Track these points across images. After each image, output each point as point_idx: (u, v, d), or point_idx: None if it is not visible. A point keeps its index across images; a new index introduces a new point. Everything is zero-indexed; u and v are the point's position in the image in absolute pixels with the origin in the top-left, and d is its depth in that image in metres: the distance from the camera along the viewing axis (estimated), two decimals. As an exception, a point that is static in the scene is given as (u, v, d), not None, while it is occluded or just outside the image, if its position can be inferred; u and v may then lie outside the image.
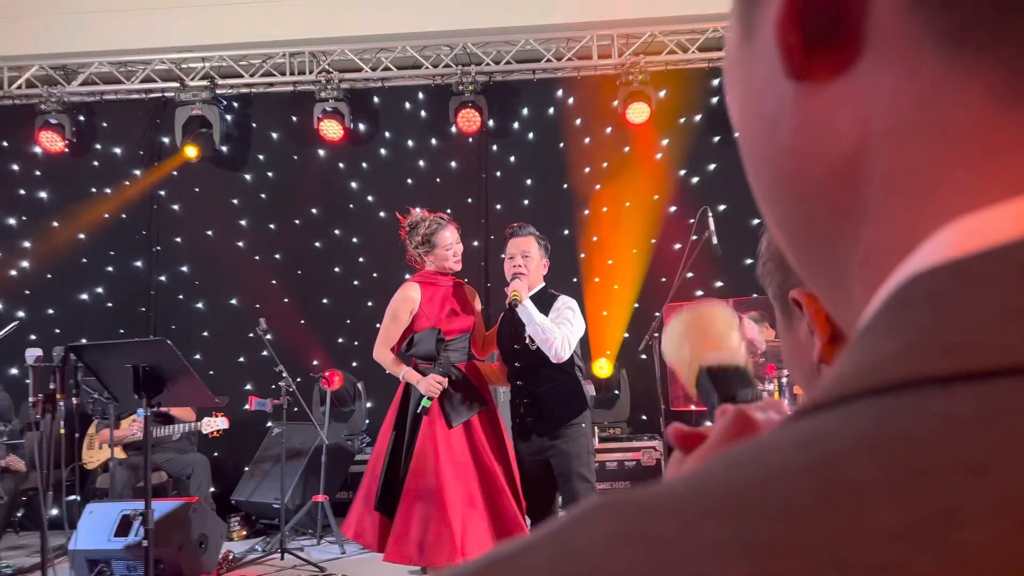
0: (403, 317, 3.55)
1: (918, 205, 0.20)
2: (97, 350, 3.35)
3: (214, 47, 6.44)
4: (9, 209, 6.78)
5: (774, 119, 0.24)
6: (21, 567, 5.04)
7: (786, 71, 0.22)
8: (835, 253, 0.24)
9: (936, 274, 0.19)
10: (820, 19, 0.21)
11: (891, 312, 0.19)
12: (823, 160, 0.23)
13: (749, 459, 0.17)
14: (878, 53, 0.21)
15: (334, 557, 4.89)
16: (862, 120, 0.21)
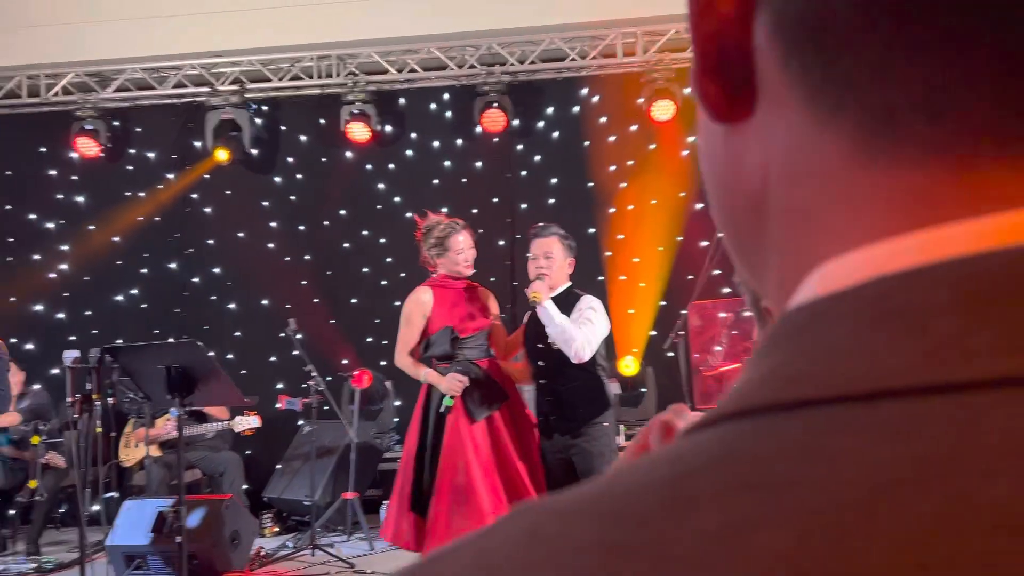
0: (416, 320, 3.61)
1: (803, 243, 0.23)
2: (131, 351, 3.44)
3: (243, 52, 6.55)
4: (48, 214, 6.96)
5: (712, 151, 0.27)
6: (61, 562, 5.18)
7: (709, 116, 0.25)
8: (761, 276, 0.27)
9: (799, 311, 0.22)
10: (729, 74, 0.24)
11: (764, 345, 0.22)
12: (741, 195, 0.26)
13: (632, 470, 0.20)
14: (769, 104, 0.23)
15: (363, 553, 4.96)
16: (764, 162, 0.24)
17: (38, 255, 6.90)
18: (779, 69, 0.23)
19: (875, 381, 0.18)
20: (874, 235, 0.21)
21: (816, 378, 0.19)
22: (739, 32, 0.23)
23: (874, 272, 0.20)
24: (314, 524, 5.05)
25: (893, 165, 0.21)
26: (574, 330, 3.29)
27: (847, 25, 0.21)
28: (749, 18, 0.23)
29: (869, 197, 0.21)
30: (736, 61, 0.24)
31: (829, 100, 0.22)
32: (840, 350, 0.20)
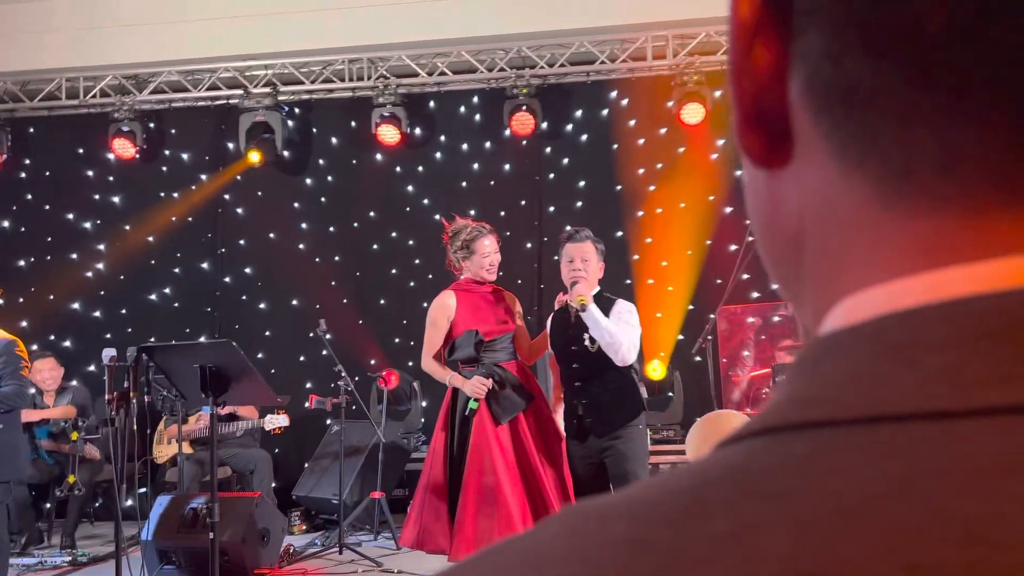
0: (441, 324, 3.64)
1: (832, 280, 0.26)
2: (167, 350, 3.51)
3: (276, 55, 6.64)
4: (85, 213, 7.10)
5: (756, 193, 0.30)
6: (96, 555, 5.29)
7: (751, 162, 0.28)
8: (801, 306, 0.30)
9: (820, 342, 0.25)
10: (767, 126, 0.27)
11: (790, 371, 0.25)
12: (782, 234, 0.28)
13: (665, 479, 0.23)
14: (803, 156, 0.26)
15: (390, 552, 5.00)
16: (800, 207, 0.27)
17: (75, 254, 7.05)
18: (811, 124, 0.25)
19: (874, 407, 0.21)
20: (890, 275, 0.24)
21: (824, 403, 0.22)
22: (775, 89, 0.26)
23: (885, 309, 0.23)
24: (342, 523, 5.10)
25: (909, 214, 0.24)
26: (621, 334, 3.31)
27: (871, 88, 0.23)
28: (784, 77, 0.26)
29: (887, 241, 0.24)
30: (773, 115, 0.26)
31: (854, 153, 0.24)
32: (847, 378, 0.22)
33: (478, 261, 3.64)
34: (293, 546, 5.11)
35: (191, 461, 5.59)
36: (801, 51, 0.25)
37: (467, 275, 3.70)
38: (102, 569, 5.04)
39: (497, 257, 3.71)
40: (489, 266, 3.66)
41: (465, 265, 3.69)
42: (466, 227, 3.69)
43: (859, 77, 0.24)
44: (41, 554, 5.31)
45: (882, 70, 0.23)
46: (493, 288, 3.75)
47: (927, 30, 0.22)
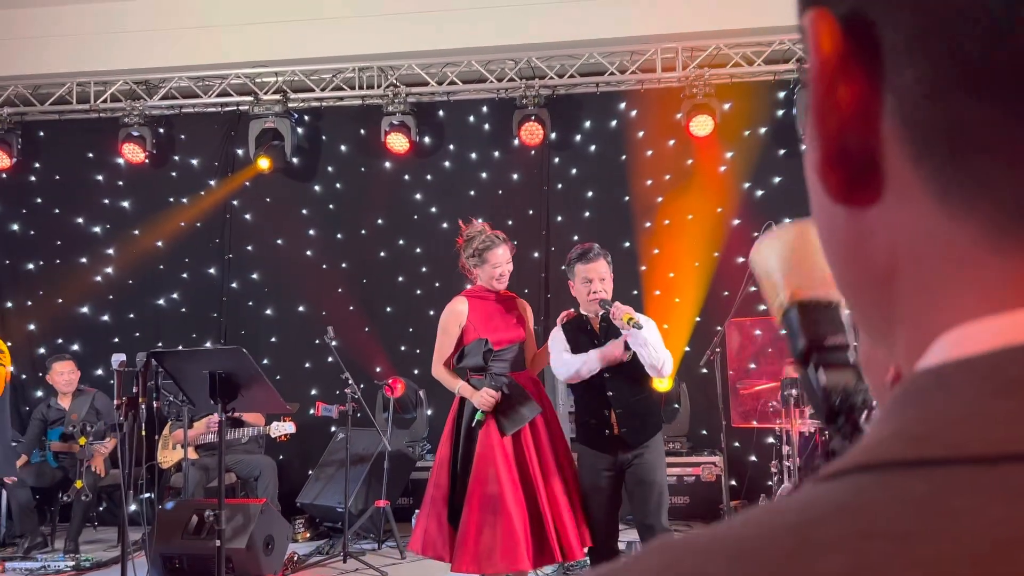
0: (453, 330, 3.62)
1: (931, 317, 0.25)
2: (176, 356, 3.51)
3: (286, 62, 6.66)
4: (95, 218, 7.12)
5: (832, 226, 0.29)
6: (99, 560, 5.27)
7: (831, 198, 0.27)
8: (886, 336, 0.29)
9: (926, 375, 0.24)
10: (851, 165, 0.26)
11: (894, 404, 0.24)
12: (869, 269, 0.28)
13: (761, 517, 0.23)
14: (897, 195, 0.26)
15: (395, 562, 4.99)
16: (891, 245, 0.26)
17: (84, 258, 7.06)
18: (909, 166, 0.25)
19: (996, 445, 0.20)
20: (1001, 311, 0.23)
21: (940, 439, 0.21)
22: (862, 128, 0.26)
23: (1000, 342, 0.22)
24: (347, 531, 5.09)
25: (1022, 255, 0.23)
26: (664, 348, 3.36)
27: (979, 129, 0.23)
28: (872, 116, 0.25)
29: (999, 281, 0.24)
30: (858, 153, 0.26)
31: (960, 196, 0.24)
32: (964, 414, 0.22)
33: (488, 271, 3.63)
34: (297, 554, 5.09)
35: (196, 467, 5.58)
36: (896, 90, 0.24)
37: (479, 282, 3.69)
38: (105, 574, 5.03)
39: (509, 267, 3.69)
40: (499, 276, 3.64)
41: (476, 273, 3.68)
42: (481, 234, 3.67)
43: (966, 117, 0.23)
44: (44, 558, 5.30)
45: (993, 110, 0.23)
46: (506, 295, 3.74)
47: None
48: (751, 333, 6.00)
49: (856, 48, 0.25)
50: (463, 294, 3.73)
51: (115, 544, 5.81)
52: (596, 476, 3.43)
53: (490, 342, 3.57)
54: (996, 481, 0.20)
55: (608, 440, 3.41)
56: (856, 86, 0.25)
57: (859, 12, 0.25)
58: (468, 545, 3.35)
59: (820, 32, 0.26)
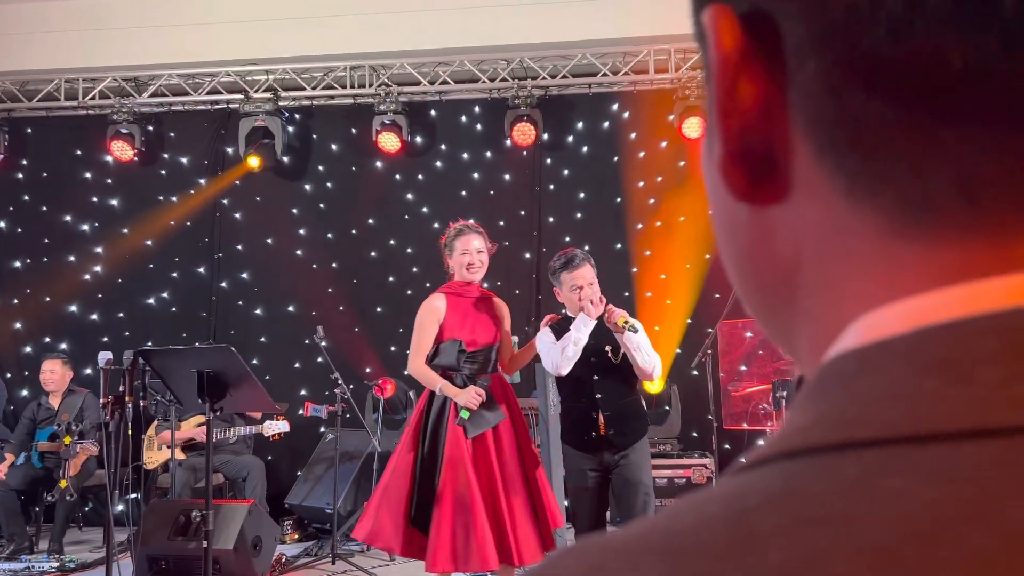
0: (430, 327, 3.58)
1: (838, 309, 0.25)
2: (164, 355, 3.47)
3: (277, 60, 6.63)
4: (83, 216, 7.06)
5: (733, 225, 0.29)
6: (84, 561, 5.22)
7: (733, 196, 0.27)
8: (787, 336, 0.29)
9: (845, 358, 0.23)
10: (754, 162, 0.26)
11: (813, 389, 0.24)
12: (770, 268, 0.28)
13: (688, 509, 0.22)
14: (801, 191, 0.25)
15: (383, 563, 4.95)
16: (795, 241, 0.26)
17: (72, 256, 7.00)
18: (812, 162, 0.25)
19: (924, 425, 0.20)
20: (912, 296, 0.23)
21: (867, 421, 0.21)
22: (764, 127, 0.25)
23: (919, 322, 0.22)
24: (335, 533, 5.05)
25: (930, 243, 0.23)
26: (654, 352, 3.35)
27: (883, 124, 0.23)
28: (774, 114, 0.25)
29: (904, 268, 0.23)
30: (761, 151, 0.26)
31: (863, 189, 0.24)
32: (889, 395, 0.21)
33: (458, 259, 3.58)
34: (285, 555, 5.06)
35: (183, 467, 5.53)
36: (797, 86, 0.24)
37: (456, 277, 3.65)
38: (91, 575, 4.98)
39: (480, 257, 3.60)
40: (468, 264, 3.56)
41: (450, 264, 3.64)
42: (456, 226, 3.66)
43: (865, 113, 0.23)
44: (28, 560, 5.23)
45: (897, 105, 0.23)
46: (483, 294, 3.69)
47: (951, 65, 0.21)
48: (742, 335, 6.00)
49: (757, 45, 0.25)
50: (440, 290, 3.66)
51: (100, 545, 5.75)
52: (582, 477, 3.42)
53: (464, 344, 3.53)
54: (924, 461, 0.19)
55: (594, 442, 3.40)
56: (758, 83, 0.25)
57: (759, 8, 0.25)
58: (443, 544, 3.33)
59: (720, 28, 0.25)
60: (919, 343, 0.22)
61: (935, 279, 0.23)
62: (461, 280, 3.62)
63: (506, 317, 3.74)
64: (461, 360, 3.52)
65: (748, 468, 0.22)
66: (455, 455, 3.42)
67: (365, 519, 3.55)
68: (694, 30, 0.28)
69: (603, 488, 3.42)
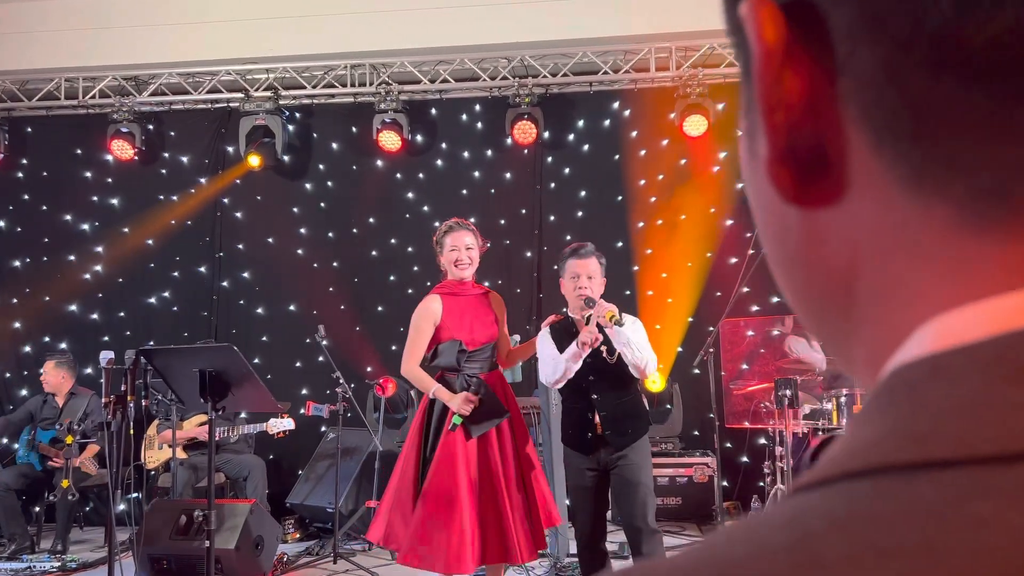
0: (426, 329, 3.55)
1: (902, 313, 0.23)
2: (166, 354, 3.46)
3: (278, 59, 6.61)
4: (83, 215, 7.05)
5: (782, 230, 0.27)
6: (85, 561, 5.21)
7: (782, 199, 0.25)
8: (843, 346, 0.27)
9: (915, 367, 0.21)
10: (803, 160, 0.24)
11: (878, 399, 0.22)
12: (824, 274, 0.26)
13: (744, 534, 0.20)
14: (858, 188, 0.24)
15: (386, 563, 4.94)
16: (852, 243, 0.25)
17: (73, 256, 6.99)
18: (869, 156, 0.23)
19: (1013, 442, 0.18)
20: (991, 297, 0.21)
21: (944, 437, 0.19)
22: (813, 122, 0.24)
23: (1001, 327, 0.20)
24: (337, 532, 5.05)
25: (1006, 238, 0.21)
26: (649, 348, 3.31)
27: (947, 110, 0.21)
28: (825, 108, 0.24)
29: (980, 265, 0.22)
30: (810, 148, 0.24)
31: (931, 181, 0.22)
32: (969, 408, 0.19)
33: (447, 255, 3.56)
34: (287, 554, 5.05)
35: (184, 467, 5.52)
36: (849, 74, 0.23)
37: (449, 276, 3.62)
38: (92, 575, 4.97)
39: (470, 254, 3.57)
40: (457, 261, 3.54)
41: (440, 261, 3.63)
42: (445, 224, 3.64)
43: (930, 97, 0.21)
44: (30, 559, 5.23)
45: (968, 87, 0.21)
46: (478, 290, 3.67)
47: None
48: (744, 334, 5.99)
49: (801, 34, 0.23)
50: (435, 291, 3.63)
51: (101, 544, 5.75)
52: (580, 476, 3.41)
53: (464, 343, 3.52)
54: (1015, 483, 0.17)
55: (592, 441, 3.39)
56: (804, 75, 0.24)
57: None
58: (416, 535, 3.32)
59: (761, 20, 0.24)
60: (1002, 349, 0.20)
61: (1014, 277, 0.21)
62: (453, 279, 3.60)
63: (502, 310, 3.72)
64: (462, 360, 3.51)
65: (808, 488, 0.20)
66: (448, 455, 3.41)
67: (378, 521, 3.55)
68: (727, 25, 0.27)
69: (602, 487, 3.40)
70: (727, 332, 5.86)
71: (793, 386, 4.86)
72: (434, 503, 3.35)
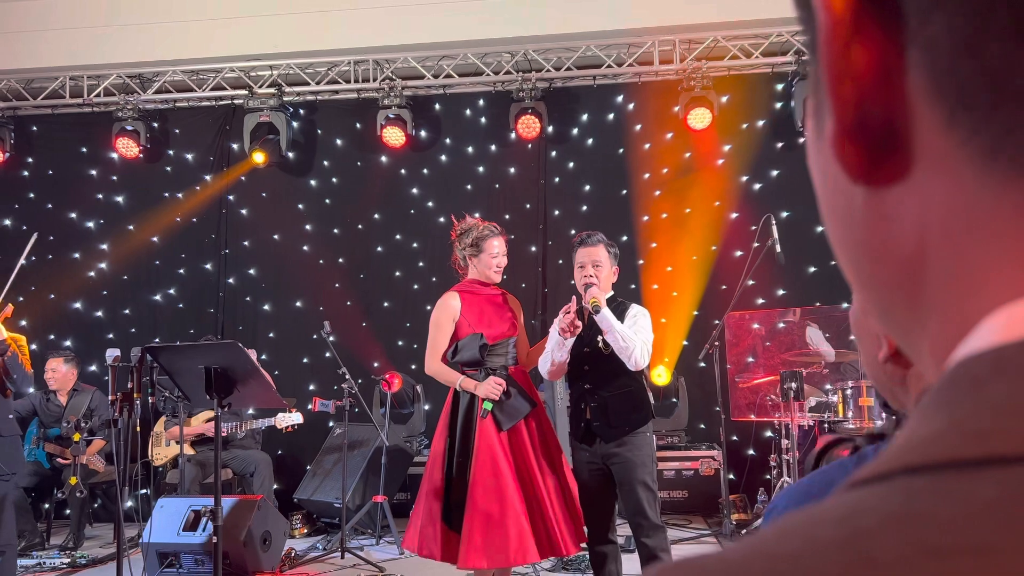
0: (446, 325, 3.57)
1: (972, 301, 0.22)
2: (171, 351, 3.47)
3: (281, 55, 6.62)
4: (88, 213, 7.07)
5: (847, 212, 0.26)
6: (94, 557, 5.24)
7: (848, 177, 0.24)
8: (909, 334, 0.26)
9: (980, 360, 0.21)
10: (872, 135, 0.23)
11: (940, 393, 0.21)
12: (891, 257, 0.25)
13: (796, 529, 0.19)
14: (927, 166, 0.23)
15: (393, 557, 4.96)
16: (920, 225, 0.23)
17: (78, 253, 7.01)
18: (940, 131, 0.22)
19: None
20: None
21: (1008, 434, 0.18)
22: (883, 94, 0.23)
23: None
24: (344, 527, 5.06)
25: None
26: (634, 337, 3.27)
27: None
28: (895, 79, 0.23)
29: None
30: (879, 123, 0.23)
31: (1005, 159, 0.21)
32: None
33: (486, 260, 3.59)
34: (295, 550, 5.07)
35: (192, 463, 5.54)
36: (921, 44, 0.22)
37: (473, 275, 3.65)
38: (102, 571, 5.00)
39: (504, 260, 3.65)
40: (496, 267, 3.61)
41: (472, 263, 3.64)
42: (477, 226, 3.65)
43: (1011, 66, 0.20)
44: (40, 555, 5.26)
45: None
46: (497, 291, 3.70)
47: None
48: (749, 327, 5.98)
49: (870, 3, 0.22)
50: (454, 289, 3.66)
51: (110, 541, 5.78)
52: (581, 468, 3.41)
53: (485, 337, 3.54)
54: None
55: (586, 432, 3.38)
56: (873, 45, 0.23)
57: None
58: (474, 542, 3.31)
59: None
60: None
61: None
62: (479, 279, 3.63)
63: (520, 311, 3.76)
64: (484, 353, 3.52)
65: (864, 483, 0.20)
66: (487, 450, 3.41)
67: (411, 530, 3.56)
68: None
69: (603, 479, 3.37)
70: (732, 325, 5.85)
71: (799, 379, 4.85)
72: (485, 501, 3.34)
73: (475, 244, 3.61)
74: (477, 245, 3.60)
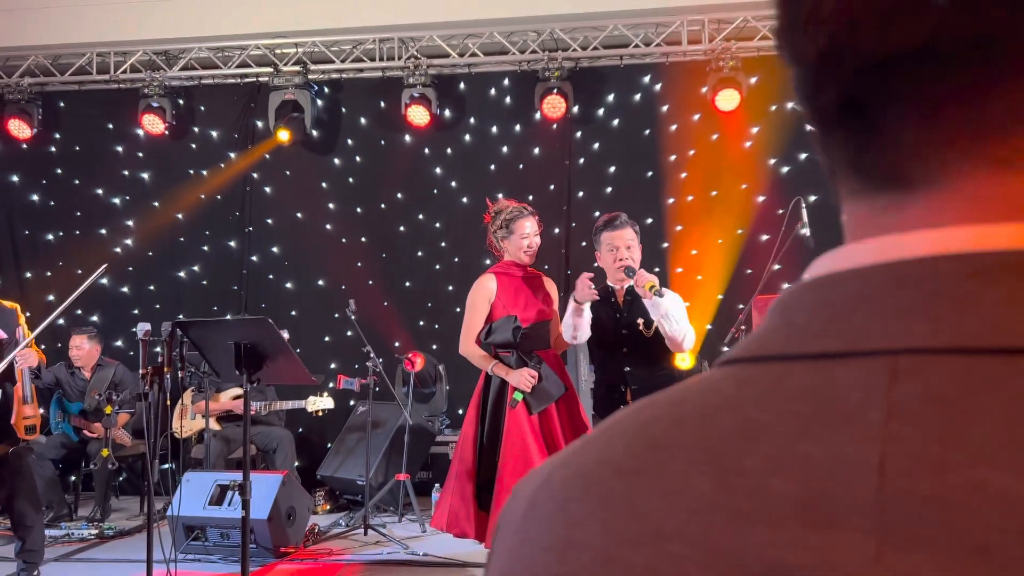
0: (482, 306, 3.58)
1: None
2: (201, 326, 3.49)
3: (306, 33, 6.59)
4: (114, 189, 7.11)
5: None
6: (122, 529, 5.32)
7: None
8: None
9: (797, 286, 0.32)
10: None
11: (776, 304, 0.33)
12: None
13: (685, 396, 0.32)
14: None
15: (415, 535, 4.99)
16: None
17: (104, 229, 7.06)
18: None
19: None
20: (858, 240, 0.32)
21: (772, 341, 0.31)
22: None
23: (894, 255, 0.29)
24: (367, 504, 5.10)
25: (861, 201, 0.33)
26: (687, 321, 3.27)
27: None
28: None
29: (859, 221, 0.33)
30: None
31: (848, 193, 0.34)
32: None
33: (516, 242, 3.59)
34: (318, 525, 5.11)
35: (217, 438, 5.60)
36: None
37: (508, 257, 3.65)
38: (129, 543, 5.07)
39: (537, 240, 3.65)
40: (527, 247, 3.61)
41: (504, 245, 3.64)
42: (508, 207, 3.64)
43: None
44: (68, 526, 5.34)
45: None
46: (532, 273, 3.70)
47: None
48: (775, 311, 5.92)
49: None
50: (491, 270, 3.68)
51: (136, 513, 5.86)
52: None
53: (519, 319, 3.53)
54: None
55: None
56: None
57: None
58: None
59: None
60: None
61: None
62: (513, 260, 3.62)
63: (555, 294, 3.75)
64: (517, 335, 3.51)
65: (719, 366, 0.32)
66: (516, 432, 3.41)
67: (440, 509, 3.58)
68: None
69: None
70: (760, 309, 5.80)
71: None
72: (513, 480, 3.33)
73: (505, 225, 3.60)
74: (507, 226, 3.60)
